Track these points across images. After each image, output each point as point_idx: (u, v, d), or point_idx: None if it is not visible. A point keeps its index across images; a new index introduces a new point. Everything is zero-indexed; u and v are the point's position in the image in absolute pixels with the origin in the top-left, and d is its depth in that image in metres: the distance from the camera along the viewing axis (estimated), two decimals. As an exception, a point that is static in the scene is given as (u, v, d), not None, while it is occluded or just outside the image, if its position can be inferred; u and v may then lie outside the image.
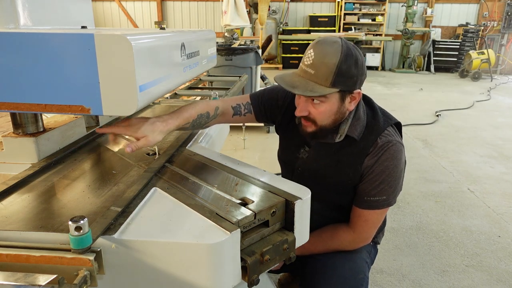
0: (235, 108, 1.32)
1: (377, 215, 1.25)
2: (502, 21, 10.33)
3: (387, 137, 1.20)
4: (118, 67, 0.81)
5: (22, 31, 0.86)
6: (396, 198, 1.25)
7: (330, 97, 1.11)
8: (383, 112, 1.28)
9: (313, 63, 1.08)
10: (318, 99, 1.11)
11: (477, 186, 3.27)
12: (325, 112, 1.13)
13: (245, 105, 1.34)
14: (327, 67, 1.06)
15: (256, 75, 4.66)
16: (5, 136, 1.14)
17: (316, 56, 1.08)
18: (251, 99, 1.35)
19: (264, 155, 3.88)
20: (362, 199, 1.23)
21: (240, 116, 1.34)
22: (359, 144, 1.20)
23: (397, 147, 1.20)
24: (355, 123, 1.21)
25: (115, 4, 10.71)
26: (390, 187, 1.20)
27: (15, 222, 0.82)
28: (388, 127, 1.22)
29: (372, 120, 1.23)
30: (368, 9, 10.69)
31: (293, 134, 1.34)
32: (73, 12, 1.25)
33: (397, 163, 1.19)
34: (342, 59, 1.06)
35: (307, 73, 1.09)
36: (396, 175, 1.20)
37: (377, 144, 1.19)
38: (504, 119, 5.59)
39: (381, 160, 1.18)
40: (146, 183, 0.99)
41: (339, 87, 1.09)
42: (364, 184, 1.22)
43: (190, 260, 0.76)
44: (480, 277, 2.09)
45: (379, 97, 6.78)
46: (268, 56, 9.99)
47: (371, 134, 1.20)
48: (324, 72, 1.07)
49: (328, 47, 1.08)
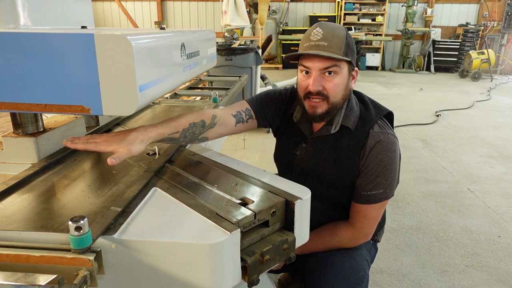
0: (236, 116, 1.26)
1: (376, 210, 1.25)
2: (502, 21, 10.33)
3: (379, 130, 1.22)
4: (118, 67, 0.81)
5: (22, 31, 0.86)
6: (394, 191, 1.26)
7: (343, 67, 1.17)
8: (374, 103, 1.30)
9: (324, 36, 1.15)
10: (335, 68, 1.15)
11: (477, 186, 3.27)
12: (338, 84, 1.17)
13: (245, 111, 1.29)
14: (338, 38, 1.15)
15: (256, 75, 4.66)
16: (5, 136, 1.14)
17: (325, 31, 1.15)
18: (250, 104, 1.32)
19: (264, 155, 3.88)
20: (360, 194, 1.24)
21: (243, 124, 1.29)
22: (355, 136, 1.22)
23: (389, 139, 1.21)
24: (349, 113, 1.24)
25: (115, 4, 10.71)
26: (386, 180, 1.21)
27: (15, 222, 0.82)
28: (379, 120, 1.24)
29: (364, 111, 1.26)
30: (368, 9, 10.69)
31: (289, 134, 1.35)
32: (73, 12, 1.25)
33: (391, 155, 1.20)
34: (346, 34, 1.17)
35: (320, 46, 1.14)
36: (391, 168, 1.21)
37: (369, 137, 1.21)
38: (504, 119, 5.59)
39: (375, 153, 1.20)
40: (146, 183, 0.99)
41: (349, 57, 1.17)
42: (361, 179, 1.23)
43: (190, 260, 0.76)
44: (480, 277, 2.09)
45: (379, 97, 6.78)
46: (268, 56, 9.99)
47: (364, 126, 1.23)
48: (336, 42, 1.14)
49: (332, 24, 1.18)
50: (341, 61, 1.15)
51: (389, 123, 1.29)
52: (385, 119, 1.28)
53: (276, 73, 9.52)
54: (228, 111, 1.26)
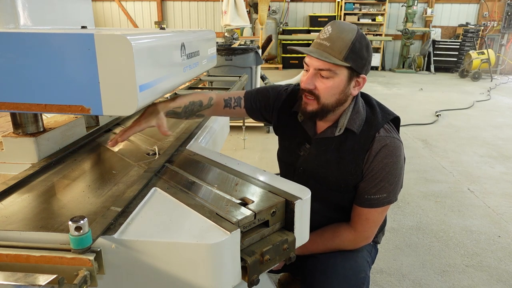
0: (226, 100, 1.39)
1: (378, 214, 1.25)
2: (502, 21, 10.33)
3: (385, 134, 1.20)
4: (118, 67, 0.81)
5: (22, 31, 0.86)
6: (397, 196, 1.25)
7: (340, 73, 1.14)
8: (382, 107, 1.29)
9: (330, 37, 1.14)
10: (328, 72, 1.14)
11: (477, 186, 3.27)
12: (331, 88, 1.16)
13: (236, 99, 1.40)
14: (343, 41, 1.12)
15: (256, 75, 4.67)
16: (5, 136, 1.14)
17: (334, 31, 1.14)
18: (245, 94, 1.42)
19: (264, 155, 3.88)
20: (363, 198, 1.23)
21: (230, 109, 1.40)
22: (360, 139, 1.21)
23: (395, 144, 1.20)
24: (354, 116, 1.22)
25: (115, 4, 10.71)
26: (390, 185, 1.20)
27: (15, 222, 0.82)
28: (386, 124, 1.23)
29: (371, 115, 1.24)
30: (368, 9, 10.69)
31: (293, 133, 1.34)
32: (73, 12, 1.26)
33: (396, 160, 1.20)
34: (357, 38, 1.13)
35: (322, 45, 1.14)
36: (396, 172, 1.20)
37: (375, 141, 1.19)
38: (504, 119, 5.59)
39: (380, 157, 1.19)
40: (146, 183, 0.99)
41: (350, 63, 1.13)
42: (364, 183, 1.22)
43: (190, 260, 0.76)
44: (480, 277, 2.09)
45: (379, 97, 6.73)
46: (268, 56, 9.99)
47: (370, 130, 1.21)
48: (339, 45, 1.12)
49: (345, 25, 1.16)
50: (338, 66, 1.13)
51: (395, 128, 1.27)
52: (392, 124, 1.26)
53: (276, 73, 9.52)
54: (222, 95, 1.39)
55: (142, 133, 1.48)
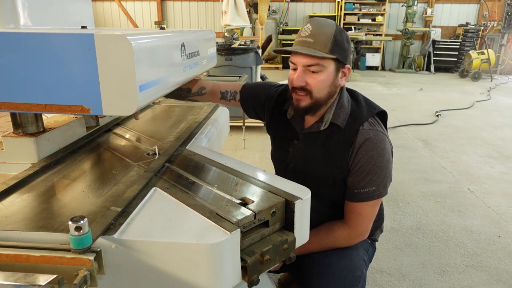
0: (222, 93, 1.47)
1: (370, 208, 1.26)
2: (502, 21, 10.32)
3: (369, 127, 1.22)
4: (118, 67, 0.81)
5: (22, 31, 0.86)
6: (387, 189, 1.26)
7: (328, 65, 1.17)
8: (368, 102, 1.31)
9: (312, 33, 1.17)
10: (317, 67, 1.16)
11: (477, 186, 3.27)
12: (322, 81, 1.18)
13: (232, 93, 1.47)
14: (325, 35, 1.16)
15: (256, 75, 4.67)
16: (5, 136, 1.14)
17: (314, 28, 1.17)
18: (242, 88, 1.47)
19: (264, 155, 3.88)
20: (353, 192, 1.24)
21: (226, 101, 1.49)
22: (345, 133, 1.23)
23: (379, 136, 1.22)
24: (339, 111, 1.25)
25: (115, 4, 10.71)
26: (378, 177, 1.21)
27: (15, 222, 0.82)
28: (370, 118, 1.25)
29: (355, 109, 1.26)
30: (368, 9, 10.69)
31: (283, 131, 1.37)
32: (73, 12, 1.26)
33: (381, 152, 1.21)
34: (336, 31, 1.17)
35: (306, 42, 1.17)
36: (382, 165, 1.21)
37: (358, 134, 1.21)
38: (504, 119, 5.59)
39: (364, 150, 1.20)
40: (146, 183, 0.99)
41: (336, 55, 1.16)
42: (352, 177, 1.23)
43: (190, 260, 0.76)
44: (480, 277, 2.09)
45: (379, 97, 6.78)
46: (268, 56, 9.98)
47: (354, 123, 1.23)
48: (323, 39, 1.15)
49: (323, 21, 1.19)
50: (325, 59, 1.16)
51: (383, 123, 1.29)
52: (378, 118, 1.28)
53: (276, 73, 9.52)
54: (222, 87, 1.47)
55: (142, 133, 1.48)
